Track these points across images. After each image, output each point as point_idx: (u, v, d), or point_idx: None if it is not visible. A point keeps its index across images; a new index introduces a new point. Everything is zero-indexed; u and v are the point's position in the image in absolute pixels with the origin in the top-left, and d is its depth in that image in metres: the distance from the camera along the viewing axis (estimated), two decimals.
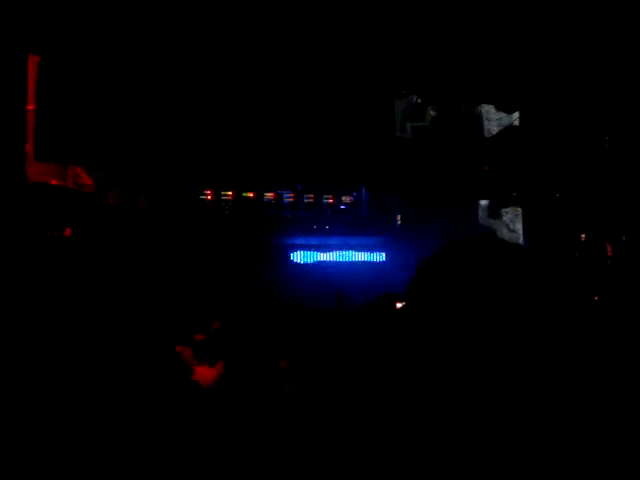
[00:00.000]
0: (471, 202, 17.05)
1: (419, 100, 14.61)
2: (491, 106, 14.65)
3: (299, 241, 16.31)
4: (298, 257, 16.31)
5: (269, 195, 16.36)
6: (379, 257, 16.59)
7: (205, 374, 4.38)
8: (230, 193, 16.08)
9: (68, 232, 10.98)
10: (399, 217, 16.83)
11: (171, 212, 15.38)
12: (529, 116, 14.50)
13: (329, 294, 14.97)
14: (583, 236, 15.87)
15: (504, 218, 17.06)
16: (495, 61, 5.29)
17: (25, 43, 5.61)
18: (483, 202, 17.22)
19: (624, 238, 14.49)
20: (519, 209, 16.68)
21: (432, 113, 15.37)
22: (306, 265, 16.29)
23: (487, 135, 16.12)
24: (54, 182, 12.90)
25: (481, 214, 17.31)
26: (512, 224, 16.93)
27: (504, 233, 16.92)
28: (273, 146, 15.00)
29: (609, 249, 14.88)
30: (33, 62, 10.87)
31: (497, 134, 15.61)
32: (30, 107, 11.22)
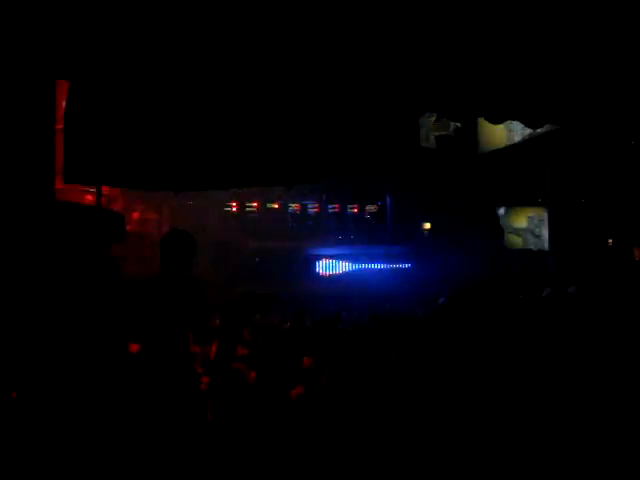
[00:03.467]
0: (496, 208, 16.96)
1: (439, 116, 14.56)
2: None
3: (324, 252, 16.31)
4: (323, 267, 16.31)
5: (294, 206, 16.40)
6: (406, 265, 16.58)
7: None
8: (256, 204, 16.15)
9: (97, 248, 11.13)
10: (425, 226, 16.75)
11: (197, 224, 15.46)
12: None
13: (354, 303, 14.98)
14: (610, 241, 15.81)
15: (529, 224, 16.94)
16: (517, 75, 5.29)
17: (53, 68, 5.74)
18: (507, 209, 17.12)
19: None
20: (544, 215, 16.55)
21: (456, 123, 15.30)
22: (331, 275, 16.33)
23: (509, 143, 16.04)
24: (86, 200, 13.07)
25: (506, 221, 17.21)
26: (538, 230, 16.81)
27: (529, 239, 16.80)
28: (299, 157, 14.97)
29: (637, 254, 14.73)
30: (61, 86, 10.99)
31: (522, 142, 15.51)
32: (59, 126, 11.35)
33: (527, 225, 17.15)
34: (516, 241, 17.07)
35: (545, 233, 16.66)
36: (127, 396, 3.55)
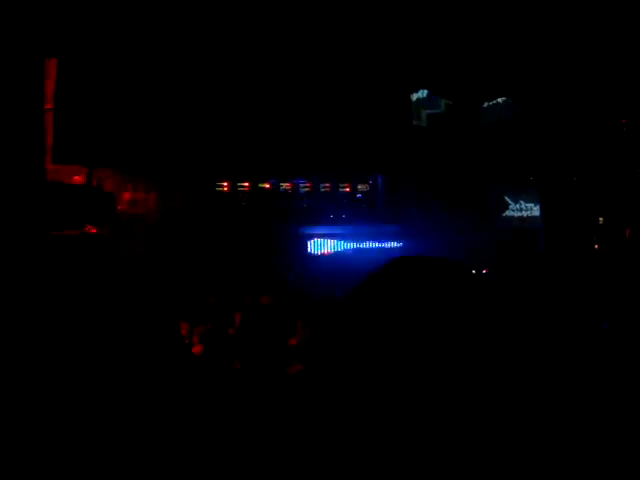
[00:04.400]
0: (487, 187, 16.97)
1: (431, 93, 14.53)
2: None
3: (316, 230, 16.30)
4: (315, 246, 16.32)
5: (285, 185, 16.36)
6: (396, 245, 16.60)
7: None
8: (247, 184, 16.09)
9: (88, 229, 11.11)
10: (416, 205, 16.74)
11: (188, 204, 15.44)
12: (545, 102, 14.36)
13: (346, 283, 14.97)
14: (601, 220, 15.88)
15: (521, 203, 16.98)
16: (508, 52, 5.25)
17: (42, 45, 5.67)
18: (499, 187, 17.14)
19: None
20: (536, 194, 16.57)
21: (447, 101, 15.26)
22: (323, 254, 16.33)
23: (501, 120, 16.01)
24: (76, 181, 12.99)
25: (496, 200, 17.23)
26: (529, 210, 16.87)
27: (520, 217, 16.85)
28: (290, 136, 14.93)
29: (627, 233, 14.79)
30: (50, 64, 10.88)
31: (513, 120, 15.49)
32: (48, 106, 11.25)
33: (518, 204, 17.20)
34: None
35: (537, 211, 16.71)
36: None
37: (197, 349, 5.69)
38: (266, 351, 3.32)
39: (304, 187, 16.48)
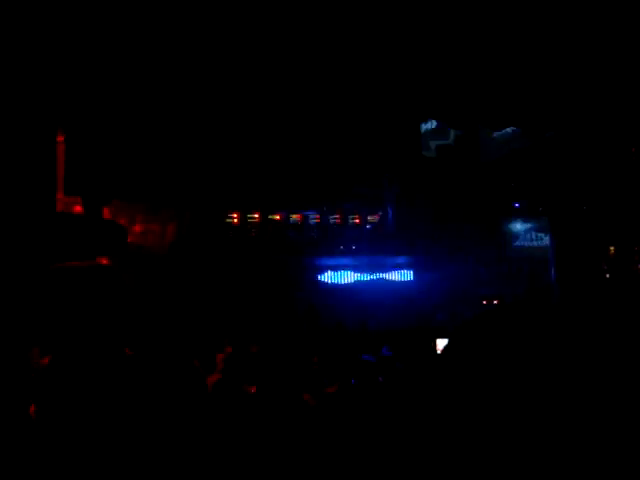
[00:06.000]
0: (498, 218, 16.88)
1: (439, 124, 14.52)
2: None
3: (326, 262, 16.26)
4: (325, 278, 16.27)
5: (295, 216, 16.34)
6: (407, 276, 16.52)
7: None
8: (257, 215, 16.09)
9: (99, 260, 11.08)
10: (426, 236, 16.65)
11: (199, 236, 15.44)
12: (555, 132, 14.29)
13: (357, 314, 14.90)
14: (612, 249, 15.61)
15: (532, 233, 16.85)
16: (518, 82, 5.24)
17: (54, 85, 5.74)
18: (509, 217, 17.03)
19: None
20: (547, 223, 16.43)
21: (456, 132, 15.26)
22: (333, 285, 16.28)
23: (506, 152, 15.94)
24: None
25: (509, 230, 17.11)
26: (540, 239, 16.72)
27: (531, 247, 16.70)
28: (299, 168, 14.92)
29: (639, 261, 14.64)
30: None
31: (522, 149, 15.44)
32: (60, 138, 11.25)
33: (530, 234, 17.06)
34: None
35: (547, 241, 16.54)
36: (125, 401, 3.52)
37: (214, 378, 5.63)
38: (284, 388, 3.44)
39: (314, 218, 16.45)
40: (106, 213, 13.29)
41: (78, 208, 13.22)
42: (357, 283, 16.39)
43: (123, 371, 3.63)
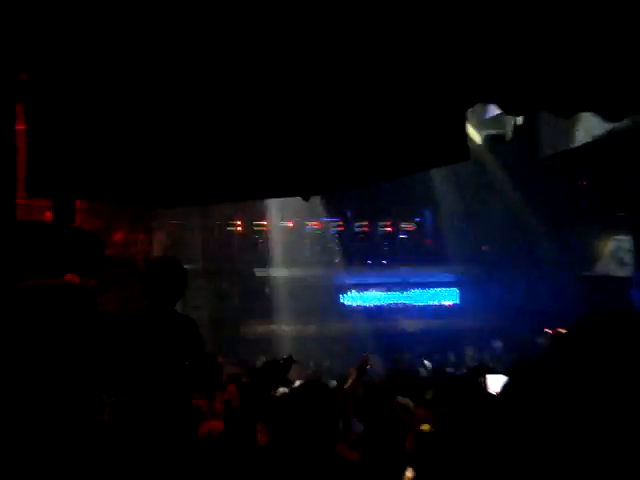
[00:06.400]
0: (567, 224, 14.49)
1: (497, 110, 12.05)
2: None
3: (349, 280, 13.96)
4: (347, 299, 14.00)
5: (313, 224, 13.96)
6: (450, 298, 14.15)
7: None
8: (265, 222, 13.82)
9: (69, 278, 9.44)
10: (479, 248, 14.24)
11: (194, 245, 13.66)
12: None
13: (386, 347, 12.70)
14: None
15: (611, 248, 14.21)
16: (591, 56, 3.43)
17: (13, 60, 4.29)
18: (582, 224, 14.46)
19: None
20: (628, 231, 13.91)
21: (517, 121, 12.84)
22: (358, 308, 13.99)
23: (578, 144, 13.68)
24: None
25: (582, 242, 14.50)
26: (622, 256, 14.09)
27: (611, 267, 14.10)
28: (323, 163, 12.63)
29: None
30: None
31: (595, 141, 13.10)
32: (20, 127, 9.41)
33: (608, 248, 14.55)
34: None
35: (630, 259, 14.02)
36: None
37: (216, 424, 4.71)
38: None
39: (335, 225, 14.13)
40: (78, 219, 11.91)
41: (48, 214, 11.95)
42: (389, 305, 14.14)
43: (99, 425, 3.42)
